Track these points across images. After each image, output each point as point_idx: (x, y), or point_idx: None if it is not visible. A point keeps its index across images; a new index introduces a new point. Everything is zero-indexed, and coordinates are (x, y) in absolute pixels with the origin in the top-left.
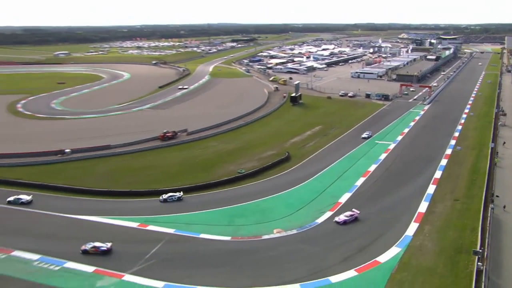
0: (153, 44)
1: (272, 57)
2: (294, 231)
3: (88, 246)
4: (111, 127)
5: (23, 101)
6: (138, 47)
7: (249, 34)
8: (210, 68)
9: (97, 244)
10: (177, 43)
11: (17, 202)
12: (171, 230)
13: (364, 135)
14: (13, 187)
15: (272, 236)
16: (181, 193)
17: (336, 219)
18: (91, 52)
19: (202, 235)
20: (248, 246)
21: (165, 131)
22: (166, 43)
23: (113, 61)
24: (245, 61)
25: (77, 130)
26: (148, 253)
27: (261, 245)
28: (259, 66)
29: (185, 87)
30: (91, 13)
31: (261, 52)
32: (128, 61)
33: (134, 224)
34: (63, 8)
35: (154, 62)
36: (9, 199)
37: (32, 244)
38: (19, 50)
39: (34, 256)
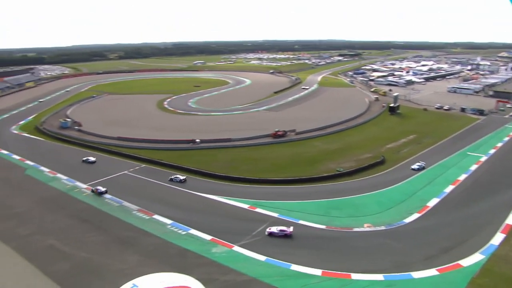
0: (271, 56)
1: (374, 70)
2: (383, 227)
3: (274, 228)
4: (233, 124)
5: (168, 99)
6: (259, 58)
7: (355, 50)
8: (319, 78)
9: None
10: (292, 56)
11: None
12: (275, 214)
13: (415, 166)
14: (154, 165)
15: (362, 229)
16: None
17: (268, 229)
18: (221, 62)
19: (301, 221)
20: (340, 235)
21: (277, 130)
22: (282, 56)
23: (238, 70)
24: (350, 73)
25: (206, 125)
26: (255, 230)
27: (352, 236)
28: (362, 78)
29: (306, 87)
30: (222, 31)
31: (365, 65)
32: (250, 70)
33: (245, 206)
34: (202, 27)
35: (271, 71)
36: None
37: (167, 211)
38: (169, 60)
39: (168, 221)
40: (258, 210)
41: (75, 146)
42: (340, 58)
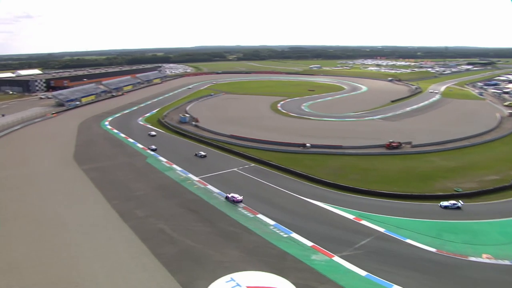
0: (390, 63)
1: (511, 81)
2: (507, 262)
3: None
4: (345, 131)
5: (282, 102)
6: (377, 65)
7: (487, 58)
8: (442, 88)
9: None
10: (413, 63)
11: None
12: (381, 229)
13: (447, 203)
14: (263, 165)
15: (480, 259)
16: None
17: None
18: (338, 67)
19: (409, 240)
20: (452, 262)
21: (391, 140)
22: (402, 63)
23: (354, 76)
24: (480, 84)
25: (317, 129)
26: (358, 243)
27: (467, 265)
28: (494, 90)
29: (435, 91)
30: (341, 35)
31: (499, 76)
32: (367, 77)
33: (350, 216)
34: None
35: (389, 78)
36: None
37: (271, 212)
38: (285, 63)
39: (271, 222)
40: (364, 222)
41: (190, 140)
42: (469, 67)
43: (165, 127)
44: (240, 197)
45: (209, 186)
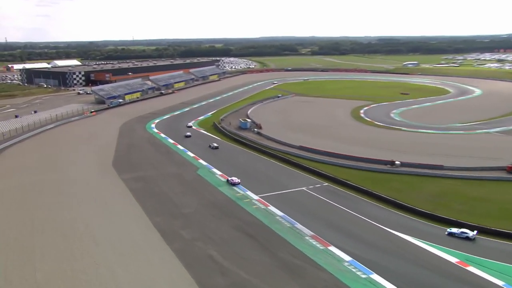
0: None
1: None
2: None
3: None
4: (447, 146)
5: (366, 108)
6: (499, 60)
7: None
8: None
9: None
10: None
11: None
12: (498, 281)
13: (455, 230)
14: (338, 185)
15: None
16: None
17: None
18: (441, 64)
19: None
20: None
21: None
22: None
23: (464, 75)
24: None
25: (411, 143)
26: None
27: None
28: None
29: None
30: (448, 22)
31: None
32: (483, 76)
33: (452, 259)
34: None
35: None
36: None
37: (347, 244)
38: (372, 58)
39: (346, 257)
40: (472, 269)
41: (251, 151)
42: None
43: (222, 133)
44: (238, 180)
45: (271, 208)
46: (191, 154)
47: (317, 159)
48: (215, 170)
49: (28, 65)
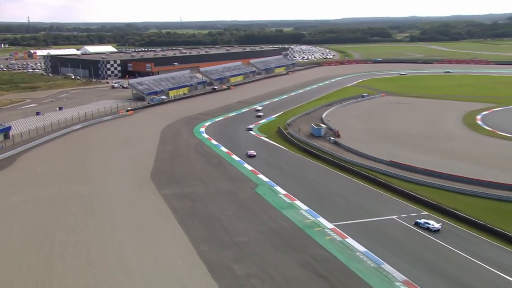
0: None
1: None
2: None
3: None
4: None
5: (485, 112)
6: None
7: None
8: None
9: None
10: None
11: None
12: None
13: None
14: (443, 215)
15: None
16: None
17: None
18: None
19: None
20: None
21: None
22: None
23: None
24: None
25: None
26: None
27: None
28: None
29: None
30: None
31: None
32: None
33: None
34: None
35: None
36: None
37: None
38: (497, 45)
39: None
40: None
41: (326, 165)
42: None
43: (288, 141)
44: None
45: (350, 240)
46: (249, 167)
47: (414, 180)
48: (278, 188)
49: (54, 51)
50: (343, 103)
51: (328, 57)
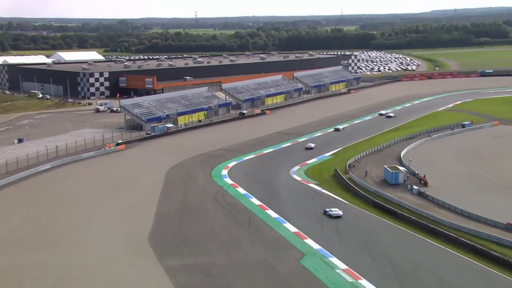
0: None
1: None
2: None
3: None
4: None
5: None
6: None
7: None
8: None
9: None
10: None
11: None
12: None
13: None
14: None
15: None
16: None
17: None
18: None
19: None
20: None
21: None
22: None
23: None
24: None
25: None
26: None
27: None
28: None
29: None
30: None
31: None
32: None
33: None
34: None
35: None
36: None
37: None
38: None
39: None
40: None
41: (407, 227)
42: None
43: (350, 191)
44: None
45: None
46: (292, 228)
47: None
48: (335, 260)
49: (13, 59)
50: (432, 135)
51: (410, 68)
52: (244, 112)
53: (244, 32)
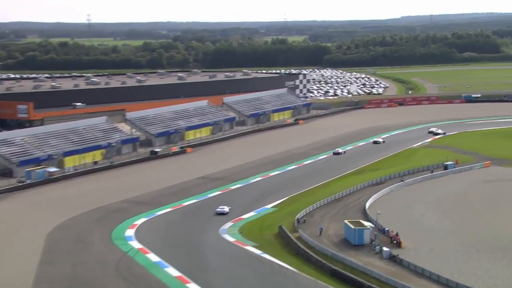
0: None
1: None
2: None
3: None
4: None
5: None
6: None
7: None
8: None
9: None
10: None
11: None
12: None
13: None
14: None
15: None
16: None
17: None
18: None
19: None
20: None
21: None
22: None
23: None
24: None
25: None
26: None
27: None
28: None
29: None
30: None
31: None
32: None
33: None
34: None
35: None
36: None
37: None
38: None
39: None
40: None
41: None
42: None
43: (300, 254)
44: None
45: None
46: None
47: None
48: None
49: None
50: (406, 180)
51: (375, 91)
52: (157, 150)
53: (155, 43)
